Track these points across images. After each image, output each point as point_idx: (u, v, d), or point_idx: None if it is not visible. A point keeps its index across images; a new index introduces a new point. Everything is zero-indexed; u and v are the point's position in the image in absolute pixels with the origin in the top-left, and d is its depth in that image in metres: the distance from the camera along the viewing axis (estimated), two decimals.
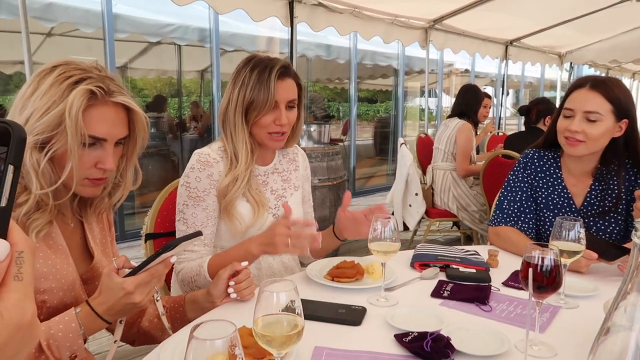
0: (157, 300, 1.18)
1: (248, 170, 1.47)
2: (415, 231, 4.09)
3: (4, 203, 0.40)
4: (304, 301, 1.19)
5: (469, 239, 4.33)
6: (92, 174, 1.05)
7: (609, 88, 1.57)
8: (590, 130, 1.57)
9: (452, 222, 4.58)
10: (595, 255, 1.41)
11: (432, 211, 3.87)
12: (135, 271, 0.97)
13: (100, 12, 4.38)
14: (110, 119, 1.04)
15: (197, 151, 1.50)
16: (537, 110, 3.52)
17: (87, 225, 1.17)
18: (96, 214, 1.19)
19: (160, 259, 0.97)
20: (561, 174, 1.74)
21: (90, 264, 1.16)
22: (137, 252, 4.22)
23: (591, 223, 1.67)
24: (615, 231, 1.66)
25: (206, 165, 1.46)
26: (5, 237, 0.40)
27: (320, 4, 3.98)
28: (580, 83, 1.63)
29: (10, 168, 0.40)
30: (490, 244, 1.78)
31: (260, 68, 1.44)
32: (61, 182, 0.99)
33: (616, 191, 1.64)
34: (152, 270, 0.97)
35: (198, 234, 1.01)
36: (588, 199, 1.69)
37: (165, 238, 1.71)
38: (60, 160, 1.00)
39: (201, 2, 3.39)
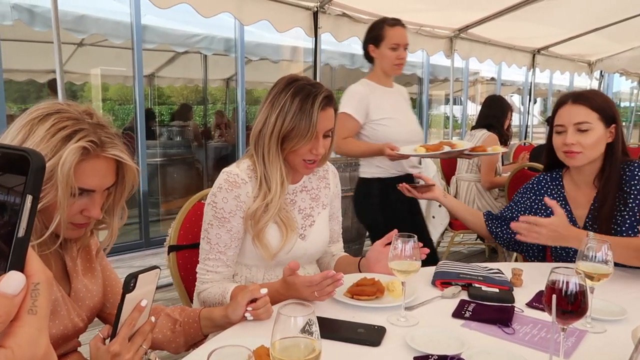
0: None
1: (280, 199, 1.44)
2: (438, 243, 4.04)
3: (21, 233, 0.40)
4: (323, 319, 1.19)
5: (493, 252, 4.26)
6: (77, 219, 1.05)
7: (590, 99, 1.66)
8: (584, 140, 1.64)
9: (476, 235, 4.51)
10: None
11: (455, 223, 3.81)
12: (114, 331, 0.95)
13: (129, 24, 4.49)
14: (102, 172, 1.03)
15: (225, 170, 1.47)
16: None
17: (67, 255, 1.16)
18: (77, 247, 1.18)
19: (129, 303, 0.94)
20: (563, 192, 1.77)
21: (70, 288, 1.16)
22: (161, 259, 4.27)
23: None
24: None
25: (234, 186, 1.43)
26: (22, 269, 0.40)
27: (344, 15, 4.00)
28: (563, 100, 1.72)
29: (29, 198, 0.40)
30: None
31: (303, 96, 1.39)
32: (49, 233, 0.99)
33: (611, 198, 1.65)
34: (129, 320, 0.94)
35: (155, 267, 0.97)
36: (592, 211, 1.70)
37: (188, 250, 1.73)
38: (46, 210, 0.98)
39: (227, 13, 3.45)
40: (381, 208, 2.49)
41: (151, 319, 1.01)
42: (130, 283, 0.91)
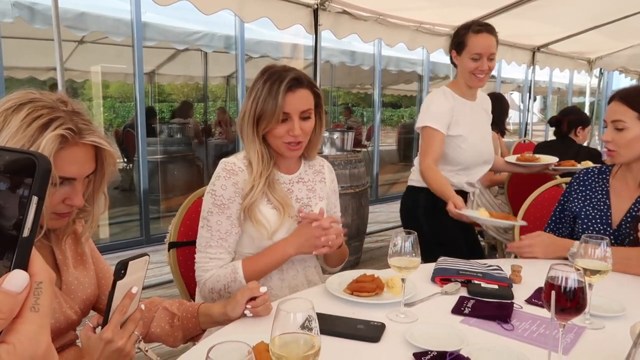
0: (147, 351, 1.14)
1: (263, 177, 1.49)
2: None
3: (26, 234, 0.41)
4: (322, 315, 1.19)
5: (493, 249, 4.26)
6: (60, 209, 1.05)
7: (633, 97, 1.63)
8: (618, 138, 1.62)
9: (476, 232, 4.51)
10: None
11: None
12: (106, 318, 0.96)
13: (129, 21, 4.49)
14: (81, 159, 1.03)
15: (223, 160, 1.53)
16: (568, 121, 3.44)
17: (56, 248, 1.16)
18: (61, 238, 1.18)
19: (120, 290, 0.94)
20: (607, 186, 1.76)
21: (60, 280, 1.16)
22: (161, 256, 4.27)
23: (629, 239, 1.64)
24: None
25: (231, 173, 1.49)
26: (25, 268, 0.41)
27: (344, 12, 3.99)
28: (613, 95, 1.70)
29: (34, 199, 0.41)
30: None
31: (272, 80, 1.46)
32: None
33: None
34: (120, 307, 0.95)
35: (144, 254, 0.97)
36: (631, 211, 1.67)
37: (188, 247, 1.74)
38: None
39: (228, 10, 3.44)
40: (427, 218, 2.37)
41: (141, 307, 1.02)
42: (120, 270, 0.92)
